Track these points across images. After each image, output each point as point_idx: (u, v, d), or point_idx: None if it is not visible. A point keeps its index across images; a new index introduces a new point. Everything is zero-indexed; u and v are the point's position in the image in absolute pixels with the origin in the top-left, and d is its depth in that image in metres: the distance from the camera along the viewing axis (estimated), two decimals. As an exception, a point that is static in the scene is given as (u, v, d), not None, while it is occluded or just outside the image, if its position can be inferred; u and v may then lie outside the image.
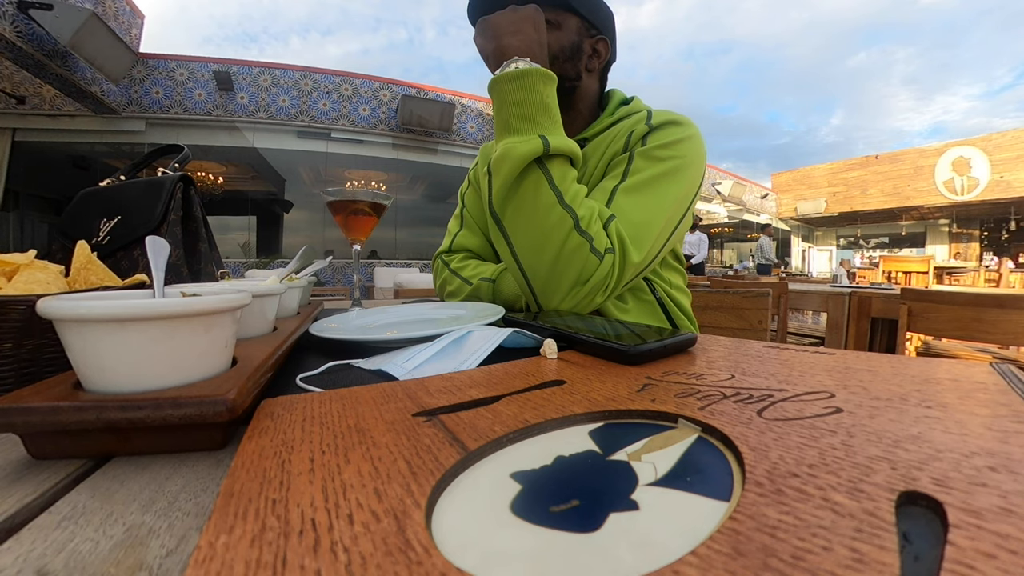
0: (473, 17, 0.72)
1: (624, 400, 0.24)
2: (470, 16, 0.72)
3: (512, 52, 0.55)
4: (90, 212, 0.66)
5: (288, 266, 0.56)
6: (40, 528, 0.16)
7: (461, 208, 0.90)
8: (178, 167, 0.71)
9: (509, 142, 0.54)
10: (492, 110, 0.57)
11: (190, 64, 5.59)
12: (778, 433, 0.18)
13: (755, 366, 0.30)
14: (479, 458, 0.18)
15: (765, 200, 12.93)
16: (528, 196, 0.54)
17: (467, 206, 0.89)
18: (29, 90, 4.85)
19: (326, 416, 0.23)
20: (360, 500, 0.14)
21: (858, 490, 0.14)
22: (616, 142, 0.66)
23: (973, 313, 1.20)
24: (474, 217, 0.87)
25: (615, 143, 0.66)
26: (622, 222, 0.56)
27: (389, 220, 6.66)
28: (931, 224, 13.16)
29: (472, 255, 0.86)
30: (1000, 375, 0.26)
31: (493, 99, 0.57)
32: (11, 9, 3.64)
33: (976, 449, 0.16)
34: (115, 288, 0.38)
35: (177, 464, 0.22)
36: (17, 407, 0.20)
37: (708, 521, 0.13)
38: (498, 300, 0.70)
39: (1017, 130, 9.37)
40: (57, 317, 0.22)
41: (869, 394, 0.23)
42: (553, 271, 0.55)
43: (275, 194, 6.92)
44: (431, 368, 0.36)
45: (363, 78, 6.31)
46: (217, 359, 0.26)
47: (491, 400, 0.24)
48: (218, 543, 0.12)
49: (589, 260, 0.53)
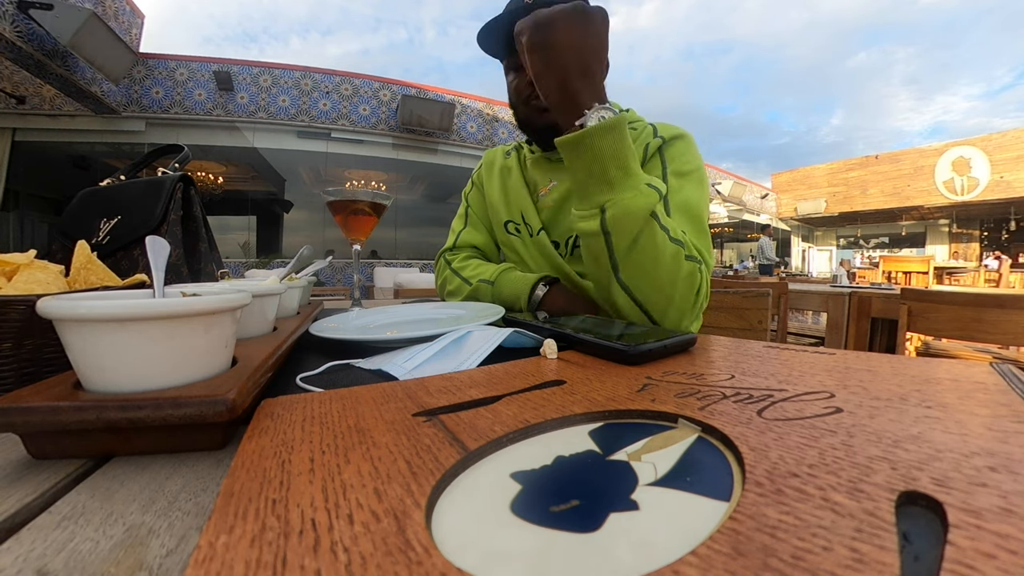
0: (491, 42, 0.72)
1: (624, 400, 0.24)
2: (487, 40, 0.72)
3: (586, 102, 0.51)
4: (90, 212, 0.66)
5: (288, 266, 0.56)
6: (40, 528, 0.16)
7: (465, 207, 0.92)
8: (178, 167, 0.71)
9: (620, 199, 0.50)
10: (571, 162, 0.52)
11: (190, 64, 5.59)
12: (778, 433, 0.18)
13: (755, 366, 0.30)
14: (479, 458, 0.18)
15: (765, 200, 12.93)
16: (647, 244, 0.52)
17: (471, 205, 0.90)
18: (29, 90, 4.85)
19: (326, 416, 0.23)
20: (360, 500, 0.14)
21: (858, 490, 0.13)
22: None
23: (973, 313, 1.20)
24: (479, 216, 0.89)
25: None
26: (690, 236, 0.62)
27: (389, 220, 6.66)
28: (931, 224, 13.16)
29: (476, 252, 0.88)
30: (1000, 375, 0.26)
31: (581, 153, 0.51)
32: (11, 9, 3.64)
33: (976, 449, 0.16)
34: (115, 288, 0.38)
35: (177, 464, 0.22)
36: (17, 407, 0.20)
37: (708, 521, 0.13)
38: (497, 302, 0.71)
39: (1017, 130, 9.37)
40: (57, 317, 0.22)
41: (869, 394, 0.23)
42: (674, 301, 0.56)
43: (275, 194, 6.92)
44: (431, 368, 0.36)
45: (363, 78, 6.31)
46: (217, 359, 0.26)
47: (491, 400, 0.24)
48: (218, 543, 0.12)
49: (696, 276, 0.57)
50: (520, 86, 0.73)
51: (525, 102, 0.73)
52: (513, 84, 0.75)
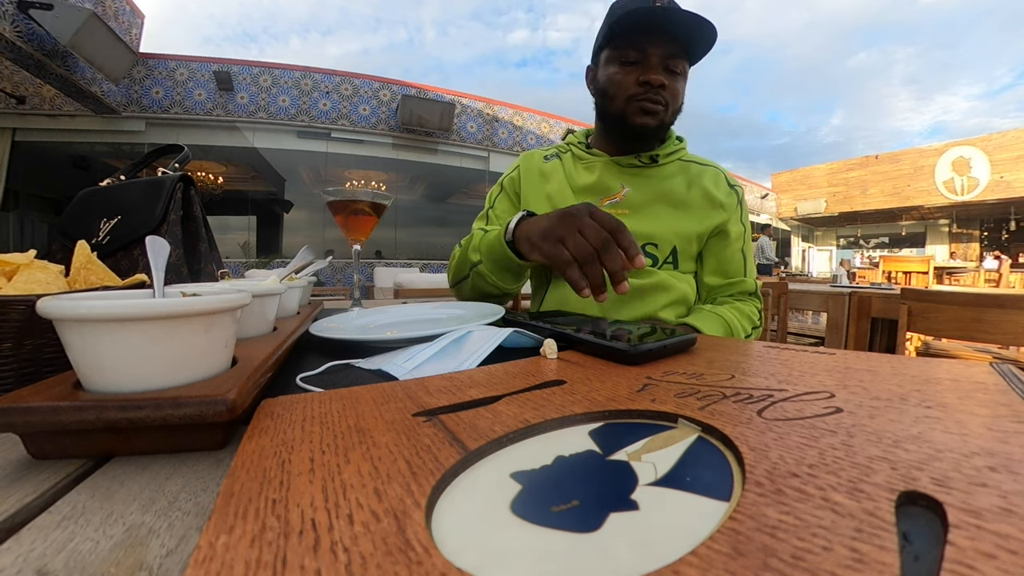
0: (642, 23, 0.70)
1: (624, 400, 0.24)
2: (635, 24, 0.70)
3: None
4: (90, 212, 0.66)
5: (288, 266, 0.56)
6: (40, 528, 0.16)
7: (488, 209, 0.90)
8: (178, 167, 0.71)
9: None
10: None
11: (190, 64, 5.59)
12: (778, 433, 0.18)
13: (755, 366, 0.30)
14: (479, 458, 0.18)
15: (765, 200, 12.93)
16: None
17: (495, 209, 0.89)
18: (29, 90, 4.85)
19: (326, 416, 0.23)
20: (360, 500, 0.14)
21: (858, 490, 0.13)
22: (705, 187, 0.79)
23: (973, 313, 1.20)
24: (500, 222, 0.89)
25: (703, 187, 0.79)
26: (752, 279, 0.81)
27: (389, 220, 6.66)
28: (931, 224, 13.16)
29: None
30: (1000, 375, 0.26)
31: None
32: (11, 9, 3.64)
33: (976, 449, 0.16)
34: (115, 288, 0.38)
35: (177, 464, 0.22)
36: (17, 407, 0.20)
37: (708, 521, 0.13)
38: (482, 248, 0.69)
39: (1017, 130, 9.37)
40: (57, 317, 0.22)
41: (869, 394, 0.23)
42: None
43: (275, 194, 6.91)
44: (431, 368, 0.36)
45: (363, 78, 6.30)
46: (217, 359, 0.26)
47: (491, 400, 0.24)
48: (218, 543, 0.12)
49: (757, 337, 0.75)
50: (628, 82, 0.72)
51: (629, 99, 0.73)
52: (615, 76, 0.73)
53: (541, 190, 0.84)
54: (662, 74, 0.70)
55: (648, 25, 0.68)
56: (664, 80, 0.70)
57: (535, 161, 0.88)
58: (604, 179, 0.79)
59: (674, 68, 0.71)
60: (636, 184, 0.78)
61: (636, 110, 0.73)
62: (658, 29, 0.68)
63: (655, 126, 0.73)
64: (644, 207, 0.77)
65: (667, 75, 0.71)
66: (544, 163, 0.87)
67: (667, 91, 0.71)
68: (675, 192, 0.78)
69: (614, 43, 0.73)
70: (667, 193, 0.78)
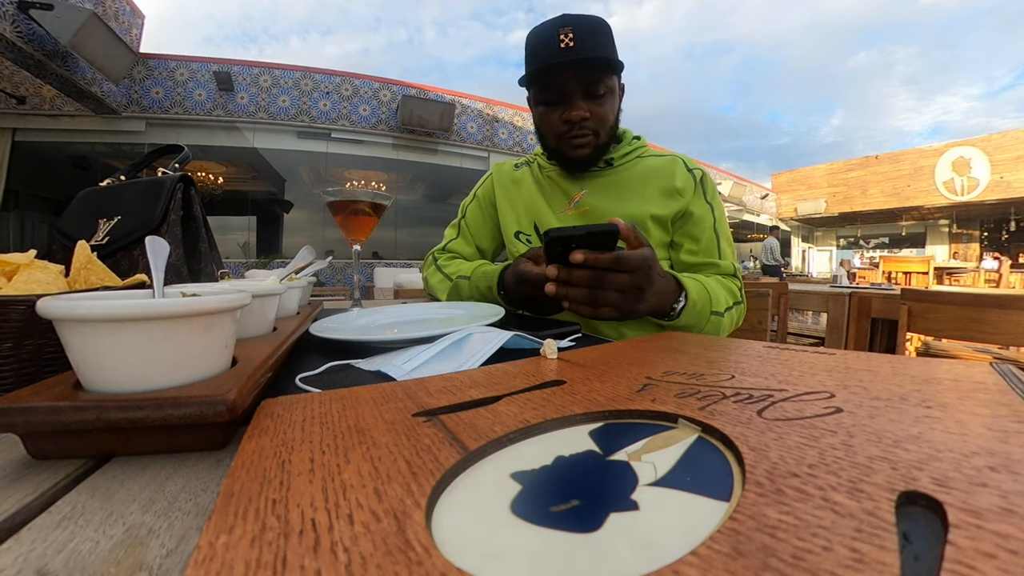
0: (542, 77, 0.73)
1: (624, 400, 0.24)
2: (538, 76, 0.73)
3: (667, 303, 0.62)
4: (90, 212, 0.66)
5: (288, 266, 0.56)
6: (40, 528, 0.16)
7: (460, 219, 0.96)
8: (178, 167, 0.71)
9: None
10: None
11: (190, 64, 5.59)
12: (778, 433, 0.18)
13: (755, 366, 0.30)
14: (479, 458, 0.18)
15: (765, 200, 12.92)
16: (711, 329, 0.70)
17: (467, 218, 0.95)
18: (29, 90, 4.85)
19: (326, 416, 0.23)
20: (360, 500, 0.14)
21: (858, 490, 0.13)
22: (661, 178, 0.80)
23: (973, 313, 1.20)
24: (471, 230, 0.95)
25: (659, 178, 0.80)
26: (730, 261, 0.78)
27: (389, 220, 6.66)
28: (931, 224, 13.16)
29: (461, 259, 0.94)
30: (1000, 375, 0.26)
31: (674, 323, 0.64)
32: (11, 9, 3.64)
33: (976, 449, 0.16)
34: (115, 288, 0.38)
35: (177, 464, 0.22)
36: (17, 407, 0.20)
37: (708, 521, 0.13)
38: (474, 294, 0.79)
39: (1017, 130, 9.36)
40: (57, 317, 0.22)
41: (869, 394, 0.23)
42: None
43: (275, 194, 6.91)
44: (430, 370, 0.36)
45: (363, 78, 6.30)
46: (217, 359, 0.26)
47: (491, 400, 0.24)
48: (218, 543, 0.12)
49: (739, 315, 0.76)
50: (554, 121, 0.75)
51: (559, 137, 0.76)
52: (544, 116, 0.76)
53: (510, 196, 0.90)
54: (583, 106, 0.72)
55: (557, 78, 0.71)
56: (585, 112, 0.72)
57: (506, 170, 0.94)
58: (564, 186, 0.83)
59: (595, 92, 0.72)
60: (594, 186, 0.81)
61: (568, 146, 0.76)
62: (568, 71, 0.70)
63: (590, 153, 0.76)
64: (601, 206, 0.80)
65: (589, 103, 0.72)
66: (515, 171, 0.92)
67: (592, 120, 0.73)
68: (632, 187, 0.80)
69: (534, 86, 0.75)
70: (624, 190, 0.80)
